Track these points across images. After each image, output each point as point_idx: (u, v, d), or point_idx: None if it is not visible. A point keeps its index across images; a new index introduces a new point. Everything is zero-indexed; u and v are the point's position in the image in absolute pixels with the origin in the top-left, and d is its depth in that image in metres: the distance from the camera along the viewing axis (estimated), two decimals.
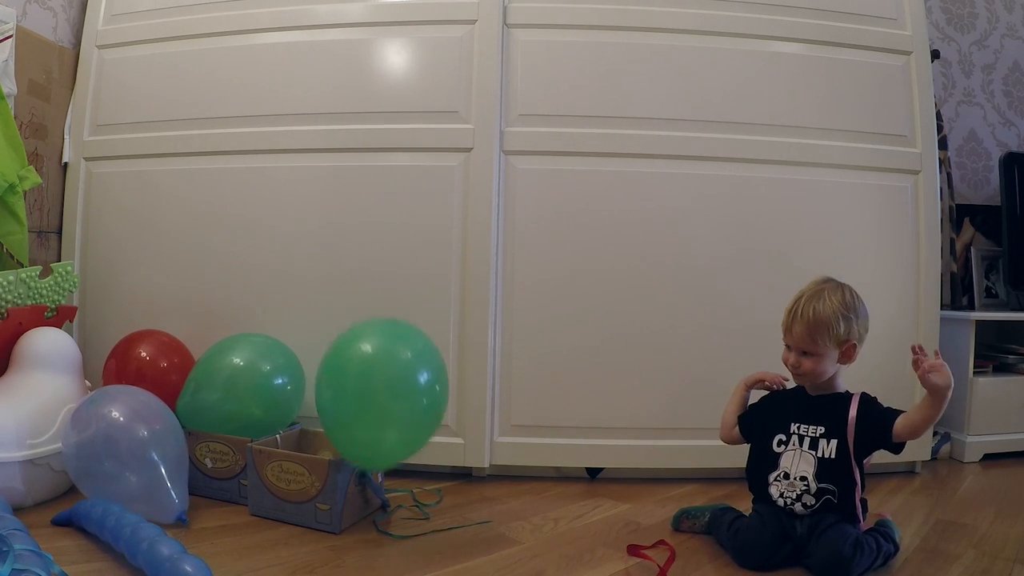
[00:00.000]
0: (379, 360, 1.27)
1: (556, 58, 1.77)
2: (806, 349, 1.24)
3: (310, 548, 1.24)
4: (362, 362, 1.27)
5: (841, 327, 1.22)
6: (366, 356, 1.27)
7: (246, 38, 1.87)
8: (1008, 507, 1.58)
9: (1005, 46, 2.62)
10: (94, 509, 1.21)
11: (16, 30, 1.74)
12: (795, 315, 1.25)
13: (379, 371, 1.26)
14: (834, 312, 1.22)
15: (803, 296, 1.26)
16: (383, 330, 1.33)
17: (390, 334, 1.32)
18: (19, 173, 1.65)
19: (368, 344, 1.28)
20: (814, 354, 1.23)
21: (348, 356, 1.28)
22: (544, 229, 1.75)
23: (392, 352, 1.28)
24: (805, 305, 1.24)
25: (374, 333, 1.31)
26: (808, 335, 1.22)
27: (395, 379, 1.25)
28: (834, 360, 1.25)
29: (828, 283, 1.27)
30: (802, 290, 1.28)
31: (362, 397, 1.25)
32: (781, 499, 1.23)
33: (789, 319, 1.26)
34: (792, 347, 1.26)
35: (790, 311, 1.26)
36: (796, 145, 1.78)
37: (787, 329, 1.27)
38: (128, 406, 1.34)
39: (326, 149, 1.80)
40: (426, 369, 1.28)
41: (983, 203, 2.53)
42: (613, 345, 1.74)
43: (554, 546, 1.29)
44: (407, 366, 1.27)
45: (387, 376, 1.25)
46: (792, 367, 1.27)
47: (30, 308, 1.56)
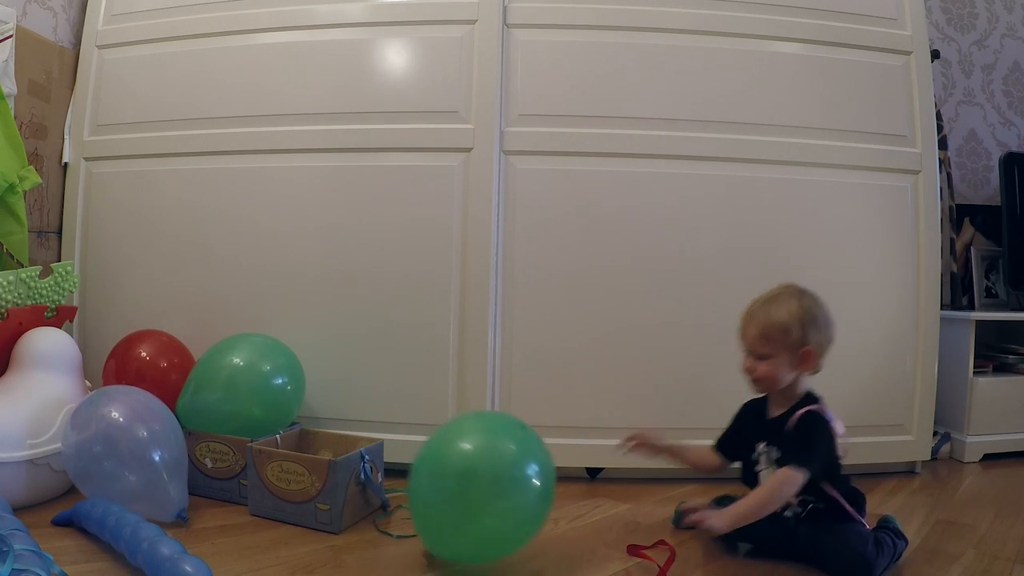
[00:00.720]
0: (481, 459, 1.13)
1: (556, 58, 1.77)
2: (760, 352, 1.22)
3: (310, 548, 1.24)
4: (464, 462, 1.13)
5: (796, 331, 1.19)
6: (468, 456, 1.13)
7: (246, 38, 1.87)
8: (1008, 507, 1.58)
9: (1005, 46, 2.62)
10: (94, 509, 1.21)
11: (16, 30, 1.75)
12: (749, 317, 1.24)
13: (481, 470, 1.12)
14: (790, 315, 1.20)
15: (759, 299, 1.25)
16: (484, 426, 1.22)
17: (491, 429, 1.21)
18: (19, 173, 1.65)
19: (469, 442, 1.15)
20: (768, 357, 1.21)
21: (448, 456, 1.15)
22: (544, 229, 1.75)
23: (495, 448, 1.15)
24: (760, 307, 1.23)
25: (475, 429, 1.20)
26: (761, 337, 1.21)
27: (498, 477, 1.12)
28: (790, 366, 1.22)
29: (788, 288, 1.25)
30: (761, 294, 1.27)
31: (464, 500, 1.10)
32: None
33: (743, 321, 1.25)
34: (747, 351, 1.25)
35: (745, 312, 1.25)
36: (796, 145, 1.78)
37: (742, 332, 1.25)
38: (127, 406, 1.34)
39: (326, 149, 1.80)
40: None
41: (983, 203, 2.53)
42: (613, 345, 1.74)
43: (554, 546, 1.29)
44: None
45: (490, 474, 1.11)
46: (746, 371, 1.25)
47: (30, 308, 1.56)
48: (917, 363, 1.81)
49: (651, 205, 1.75)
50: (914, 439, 1.82)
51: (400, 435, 1.71)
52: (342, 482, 1.33)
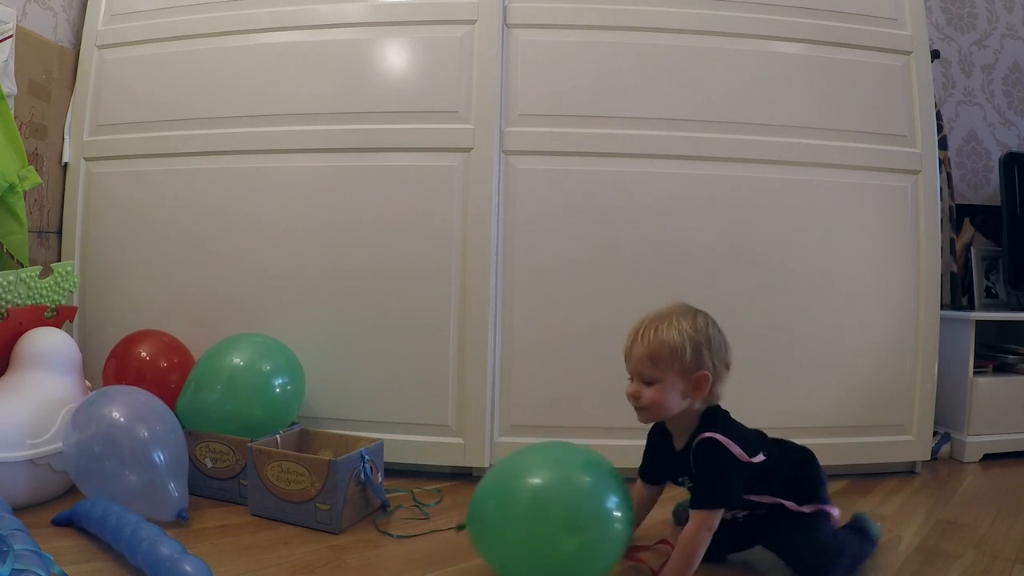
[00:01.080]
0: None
1: (556, 58, 1.77)
2: (647, 376, 1.10)
3: (310, 548, 1.24)
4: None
5: (688, 352, 1.08)
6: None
7: (246, 38, 1.87)
8: (1008, 507, 1.58)
9: (1005, 46, 2.62)
10: (94, 509, 1.21)
11: (16, 30, 1.75)
12: (636, 336, 1.12)
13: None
14: (680, 335, 1.09)
15: (647, 318, 1.13)
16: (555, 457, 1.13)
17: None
18: (19, 173, 1.65)
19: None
20: (656, 381, 1.10)
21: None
22: (544, 229, 1.75)
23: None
24: (648, 326, 1.11)
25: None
26: (649, 358, 1.09)
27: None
28: (680, 393, 1.10)
29: (681, 306, 1.15)
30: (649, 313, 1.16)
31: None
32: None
33: (629, 341, 1.13)
34: (632, 375, 1.13)
35: (631, 332, 1.14)
36: (796, 145, 1.78)
37: (627, 352, 1.14)
38: (128, 406, 1.34)
39: (326, 149, 1.80)
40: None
41: (983, 203, 2.53)
42: (613, 345, 1.72)
43: None
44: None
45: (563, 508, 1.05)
46: (631, 396, 1.13)
47: (30, 308, 1.56)
48: (917, 363, 1.81)
49: (651, 205, 1.75)
50: (914, 439, 1.82)
51: (400, 435, 1.71)
52: (342, 482, 1.33)
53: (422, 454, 1.73)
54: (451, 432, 1.73)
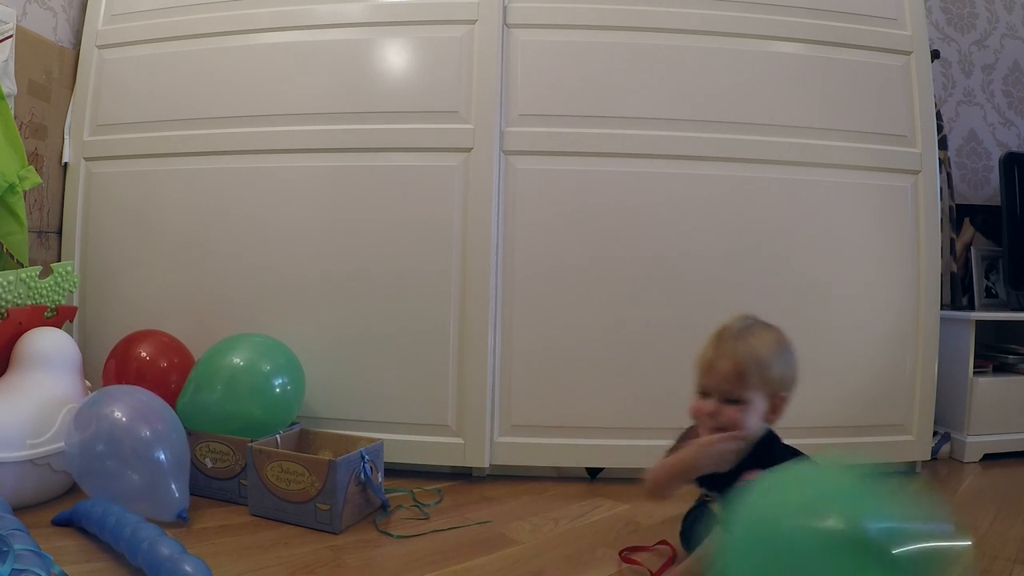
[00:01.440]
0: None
1: (556, 58, 1.77)
2: (731, 394, 1.01)
3: (310, 548, 1.24)
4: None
5: (776, 369, 1.01)
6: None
7: (246, 38, 1.87)
8: (1008, 507, 1.58)
9: (1005, 46, 2.62)
10: (94, 509, 1.21)
11: (16, 30, 1.75)
12: (720, 348, 1.02)
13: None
14: (769, 349, 1.01)
15: (728, 329, 1.05)
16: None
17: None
18: (19, 173, 1.65)
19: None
20: (740, 401, 1.00)
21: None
22: (544, 229, 1.75)
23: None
24: (733, 339, 1.02)
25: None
26: (736, 374, 1.00)
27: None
28: (762, 414, 1.02)
29: (755, 320, 1.07)
30: (723, 325, 1.08)
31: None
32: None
33: (711, 354, 1.03)
34: (710, 391, 1.03)
35: (712, 345, 1.04)
36: (796, 145, 1.78)
37: (707, 367, 1.03)
38: (130, 406, 1.34)
39: (326, 149, 1.80)
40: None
41: (983, 203, 2.53)
42: (613, 345, 1.74)
43: (554, 546, 1.29)
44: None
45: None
46: (709, 416, 1.02)
47: (30, 308, 1.56)
48: (917, 363, 1.81)
49: (651, 205, 1.75)
50: (914, 439, 1.82)
51: (400, 435, 1.71)
52: (342, 482, 1.33)
53: (422, 454, 1.73)
54: (451, 432, 1.73)
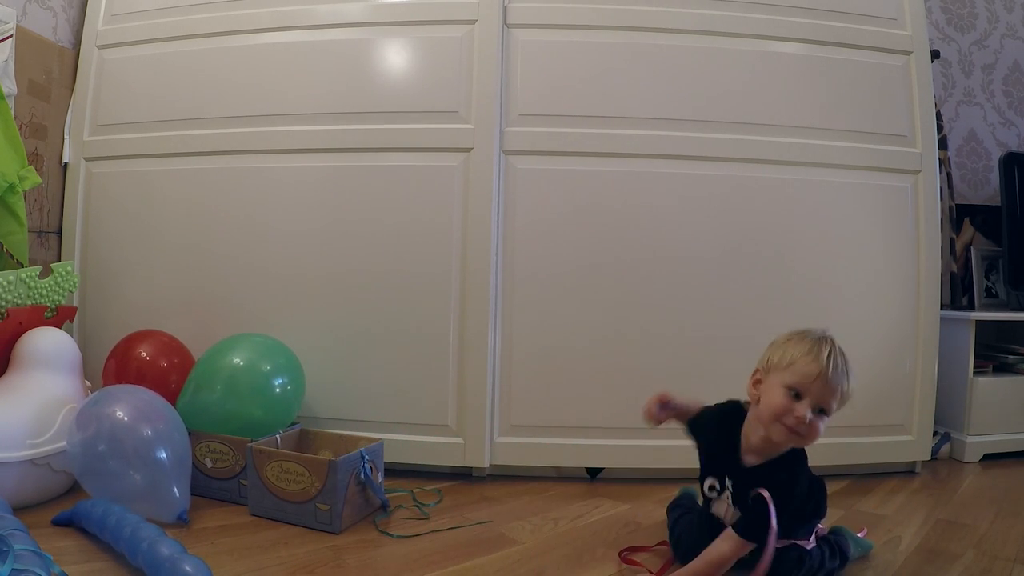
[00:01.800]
0: None
1: (556, 58, 1.77)
2: (828, 407, 1.04)
3: (310, 548, 1.24)
4: None
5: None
6: None
7: (246, 38, 1.87)
8: (1008, 507, 1.58)
9: (1005, 46, 2.62)
10: (95, 509, 1.21)
11: (16, 30, 1.75)
12: (834, 366, 1.03)
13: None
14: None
15: (830, 347, 1.05)
16: None
17: None
18: (19, 173, 1.65)
19: None
20: (828, 414, 1.05)
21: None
22: (544, 229, 1.75)
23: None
24: (838, 355, 1.04)
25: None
26: (835, 393, 1.04)
27: None
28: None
29: (828, 338, 1.09)
30: (800, 336, 1.09)
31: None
32: (719, 519, 1.14)
33: (827, 369, 1.03)
34: (812, 398, 1.04)
35: (825, 360, 1.04)
36: (796, 145, 1.78)
37: (812, 377, 1.03)
38: (132, 405, 1.34)
39: (326, 149, 1.80)
40: None
41: (983, 203, 2.53)
42: (613, 345, 1.74)
43: (554, 546, 1.29)
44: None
45: None
46: (798, 420, 1.04)
47: (30, 308, 1.56)
48: (917, 363, 1.81)
49: (651, 205, 1.75)
50: (914, 439, 1.82)
51: (400, 435, 1.72)
52: (342, 482, 1.33)
53: (422, 454, 1.73)
54: (451, 432, 1.73)
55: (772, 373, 1.09)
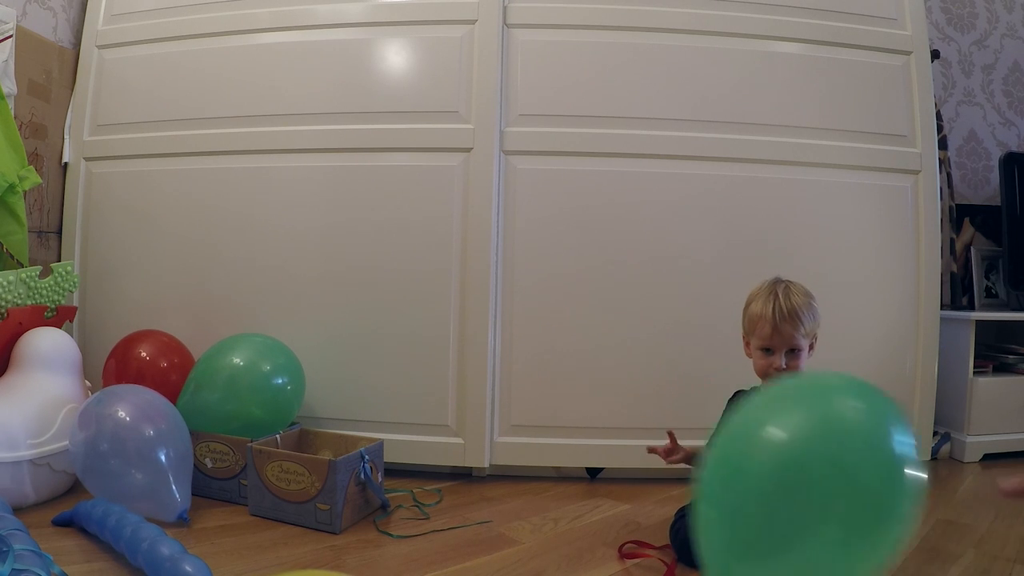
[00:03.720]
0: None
1: (556, 58, 1.77)
2: (795, 346, 1.21)
3: (310, 548, 1.24)
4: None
5: (814, 317, 1.22)
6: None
7: (246, 38, 1.87)
8: (1008, 507, 1.58)
9: (1005, 46, 2.62)
10: (95, 509, 1.21)
11: (16, 30, 1.75)
12: (780, 314, 1.20)
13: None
14: (807, 303, 1.22)
15: (775, 293, 1.23)
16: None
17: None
18: (19, 173, 1.65)
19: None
20: (800, 349, 1.21)
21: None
22: (544, 229, 1.75)
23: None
24: (784, 302, 1.21)
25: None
26: (797, 332, 1.20)
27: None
28: (807, 355, 1.23)
29: (780, 282, 1.26)
30: (757, 291, 1.26)
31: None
32: None
33: (774, 318, 1.21)
34: (777, 348, 1.22)
35: (771, 309, 1.21)
36: (796, 145, 1.78)
37: (773, 330, 1.21)
38: (134, 405, 1.34)
39: (326, 149, 1.80)
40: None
41: (983, 203, 2.53)
42: (613, 344, 1.74)
43: (554, 546, 1.29)
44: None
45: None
46: (778, 370, 1.22)
47: (30, 308, 1.56)
48: (917, 363, 1.81)
49: (651, 205, 1.75)
50: (914, 439, 1.82)
51: (400, 435, 1.72)
52: (342, 482, 1.33)
53: (422, 454, 1.73)
54: (451, 432, 1.73)
55: (748, 337, 1.29)
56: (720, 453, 0.74)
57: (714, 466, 0.73)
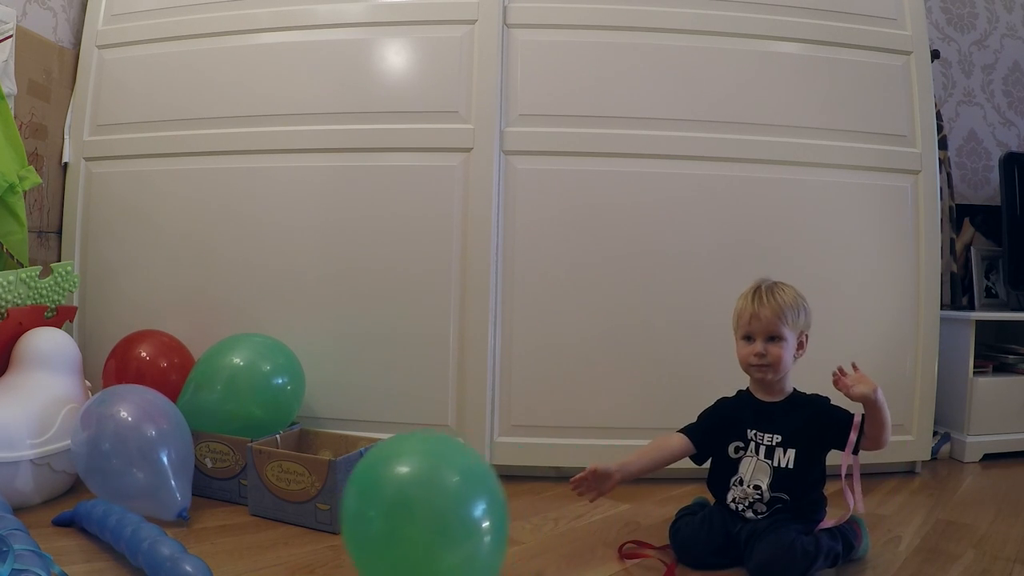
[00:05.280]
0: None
1: (556, 58, 1.77)
2: (774, 333, 1.22)
3: (310, 548, 1.24)
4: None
5: (801, 314, 1.24)
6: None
7: (246, 38, 1.87)
8: (1008, 507, 1.58)
9: (1005, 46, 2.62)
10: (95, 509, 1.21)
11: (16, 30, 1.74)
12: (759, 300, 1.23)
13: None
14: (793, 298, 1.24)
15: (759, 286, 1.26)
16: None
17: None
18: (19, 173, 1.65)
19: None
20: (781, 339, 1.22)
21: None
22: (544, 229, 1.75)
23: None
24: (767, 292, 1.24)
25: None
26: (776, 318, 1.21)
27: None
28: (793, 351, 1.24)
29: (769, 279, 1.28)
30: (750, 288, 1.28)
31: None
32: (734, 504, 1.22)
33: (753, 306, 1.23)
34: (757, 335, 1.23)
35: (751, 298, 1.25)
36: (796, 145, 1.78)
37: (752, 315, 1.23)
38: (136, 405, 1.34)
39: (326, 149, 1.80)
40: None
41: (983, 203, 2.53)
42: (613, 344, 1.74)
43: (554, 546, 1.29)
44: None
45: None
46: (758, 356, 1.22)
47: (30, 308, 1.56)
48: (917, 363, 1.81)
49: (651, 205, 1.75)
50: (914, 439, 1.82)
51: None
52: (342, 482, 1.32)
53: None
54: (451, 432, 1.73)
55: (735, 335, 1.29)
56: (361, 476, 0.96)
57: (356, 483, 0.96)
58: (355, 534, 0.93)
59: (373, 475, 0.95)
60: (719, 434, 1.28)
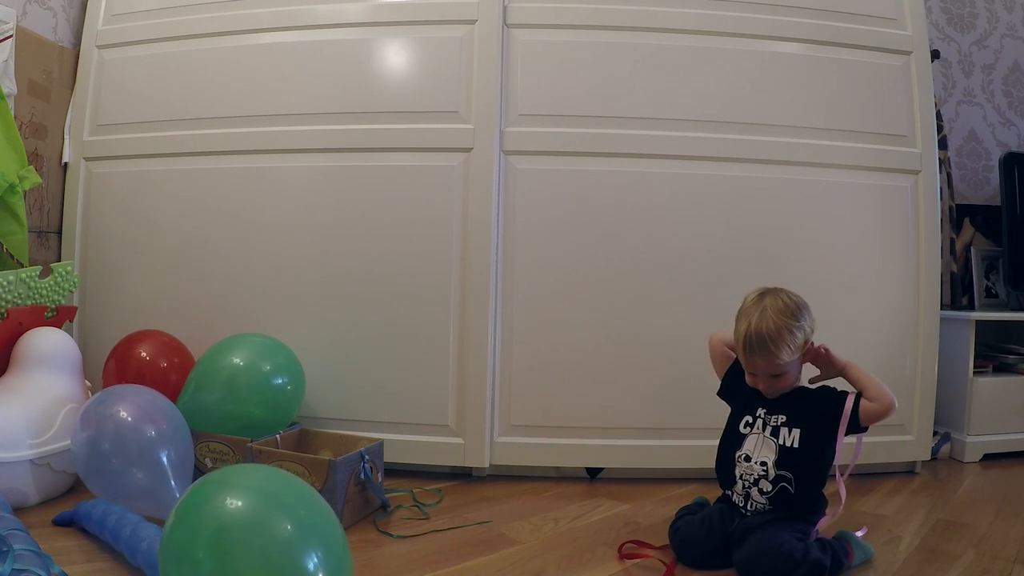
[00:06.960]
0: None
1: (556, 58, 1.77)
2: (773, 373, 1.23)
3: None
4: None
5: (796, 337, 1.20)
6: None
7: (246, 38, 1.87)
8: (1008, 507, 1.58)
9: (1005, 46, 2.62)
10: (95, 509, 1.21)
11: (16, 30, 1.75)
12: (750, 348, 1.21)
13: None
14: (784, 327, 1.19)
15: (750, 325, 1.21)
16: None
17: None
18: (19, 173, 1.65)
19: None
20: (783, 373, 1.23)
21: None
22: (544, 229, 1.75)
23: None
24: (756, 335, 1.19)
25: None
26: (771, 363, 1.20)
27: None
28: (798, 367, 1.26)
29: (764, 297, 1.24)
30: (743, 307, 1.25)
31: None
32: (740, 481, 1.24)
33: (745, 352, 1.22)
34: (759, 374, 1.25)
35: (744, 344, 1.22)
36: (796, 145, 1.78)
37: (747, 362, 1.24)
38: (136, 405, 1.34)
39: (326, 149, 1.80)
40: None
41: (983, 203, 2.53)
42: (613, 345, 1.74)
43: (554, 546, 1.29)
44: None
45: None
46: (767, 392, 1.26)
47: (30, 308, 1.56)
48: (917, 363, 1.81)
49: (651, 205, 1.75)
50: (914, 439, 1.82)
51: (400, 435, 1.71)
52: (342, 482, 1.33)
53: (422, 454, 1.73)
54: (451, 432, 1.73)
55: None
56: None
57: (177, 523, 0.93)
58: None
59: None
60: (737, 398, 1.34)
